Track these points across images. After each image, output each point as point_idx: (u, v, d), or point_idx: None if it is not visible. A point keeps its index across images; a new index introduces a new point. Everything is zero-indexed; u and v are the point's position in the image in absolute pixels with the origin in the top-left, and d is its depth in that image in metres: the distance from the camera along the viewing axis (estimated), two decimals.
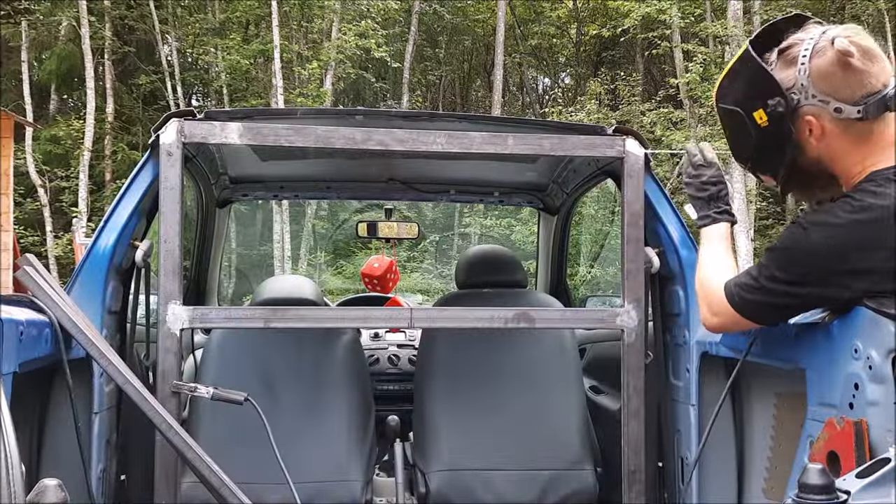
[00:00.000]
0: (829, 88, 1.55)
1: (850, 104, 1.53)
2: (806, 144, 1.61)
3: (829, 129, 1.57)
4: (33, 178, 16.82)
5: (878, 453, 1.34)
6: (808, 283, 1.55)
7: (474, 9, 22.75)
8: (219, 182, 3.21)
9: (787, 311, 1.65)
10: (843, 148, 1.58)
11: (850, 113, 1.54)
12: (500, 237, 16.91)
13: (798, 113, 1.58)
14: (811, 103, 1.56)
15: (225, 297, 7.67)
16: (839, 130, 1.57)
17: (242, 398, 1.99)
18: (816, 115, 1.57)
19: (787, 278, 1.57)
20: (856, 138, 1.57)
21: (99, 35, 17.74)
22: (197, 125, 2.02)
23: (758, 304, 1.65)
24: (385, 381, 3.74)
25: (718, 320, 1.76)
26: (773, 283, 1.60)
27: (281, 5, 17.26)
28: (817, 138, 1.59)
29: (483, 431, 2.54)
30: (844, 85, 1.54)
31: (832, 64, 1.54)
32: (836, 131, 1.57)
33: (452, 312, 2.19)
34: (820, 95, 1.55)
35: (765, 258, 1.64)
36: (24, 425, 1.86)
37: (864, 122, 1.54)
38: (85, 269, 2.10)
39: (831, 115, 1.55)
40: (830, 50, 1.54)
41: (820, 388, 1.61)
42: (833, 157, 1.61)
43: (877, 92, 1.53)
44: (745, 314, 1.68)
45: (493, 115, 18.02)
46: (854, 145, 1.57)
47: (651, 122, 16.54)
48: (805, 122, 1.59)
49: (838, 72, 1.54)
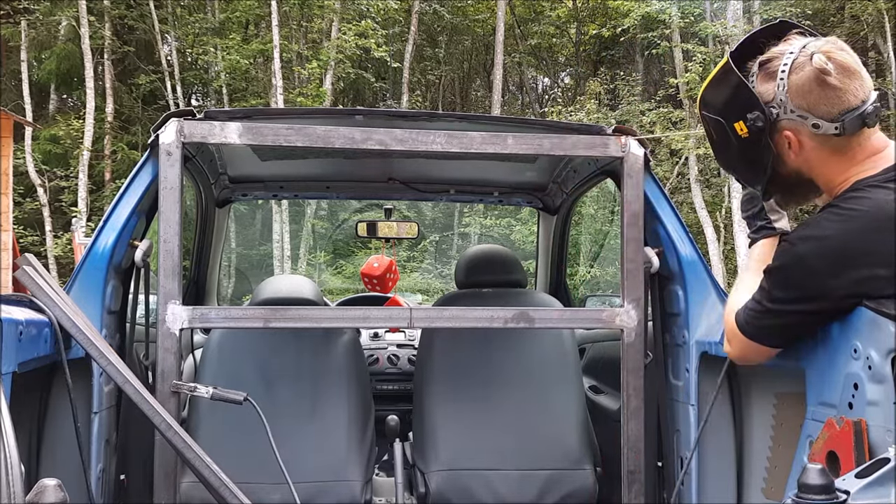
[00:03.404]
0: (806, 104, 1.55)
1: (827, 120, 1.54)
2: (785, 157, 1.62)
3: (807, 143, 1.58)
4: (33, 178, 16.83)
5: (878, 453, 1.34)
6: (810, 299, 1.54)
7: (474, 9, 22.74)
8: (218, 182, 3.21)
9: (800, 327, 1.62)
10: (821, 161, 1.59)
11: (828, 129, 1.54)
12: (499, 237, 16.91)
13: (777, 127, 1.59)
14: (789, 118, 1.57)
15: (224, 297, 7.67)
16: (817, 145, 1.58)
17: (242, 398, 1.99)
18: (795, 129, 1.58)
19: (789, 296, 1.57)
20: (834, 152, 1.57)
21: (98, 35, 17.74)
22: (196, 125, 2.02)
23: (769, 329, 1.64)
24: (384, 380, 3.74)
25: (734, 350, 1.75)
26: (777, 304, 1.59)
27: (281, 5, 17.26)
28: (796, 152, 1.60)
29: (483, 431, 2.54)
30: (822, 101, 1.54)
31: (809, 80, 1.54)
32: (814, 146, 1.58)
33: (452, 312, 2.18)
34: (798, 111, 1.55)
35: (764, 280, 1.63)
36: (23, 425, 1.86)
37: (841, 137, 1.54)
38: (84, 269, 2.09)
39: (809, 130, 1.56)
40: (808, 66, 1.53)
41: (819, 387, 1.61)
42: (812, 169, 1.62)
43: (854, 108, 1.53)
44: (760, 340, 1.67)
45: (492, 114, 18.02)
46: (833, 159, 1.58)
47: (651, 121, 16.54)
48: (784, 136, 1.59)
49: (815, 88, 1.54)
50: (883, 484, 1.07)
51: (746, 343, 1.69)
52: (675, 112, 16.68)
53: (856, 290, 1.47)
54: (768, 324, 1.63)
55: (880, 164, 1.55)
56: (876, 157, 1.56)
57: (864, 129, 1.55)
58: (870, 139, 1.57)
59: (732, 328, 1.71)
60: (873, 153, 1.57)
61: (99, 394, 2.03)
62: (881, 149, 1.58)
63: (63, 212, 17.39)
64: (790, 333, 1.64)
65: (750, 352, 1.71)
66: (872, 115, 1.54)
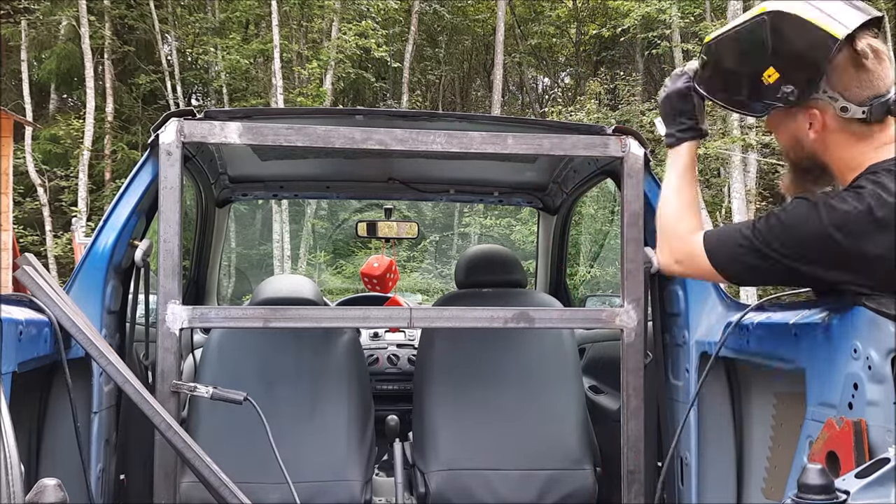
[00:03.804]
0: (840, 85, 1.55)
1: (856, 104, 1.55)
2: (804, 138, 1.62)
3: (830, 124, 1.59)
4: (33, 178, 16.83)
5: (878, 453, 1.35)
6: (811, 262, 1.53)
7: (474, 9, 22.73)
8: (218, 182, 3.21)
9: (775, 279, 1.63)
10: (839, 145, 1.60)
11: (855, 113, 1.55)
12: (499, 237, 16.90)
13: (806, 104, 1.59)
14: (819, 97, 1.57)
15: (224, 297, 7.67)
16: (839, 127, 1.58)
17: (242, 398, 1.99)
18: (822, 109, 1.58)
19: (789, 253, 1.55)
20: (853, 136, 1.58)
21: (99, 34, 17.74)
22: (196, 125, 2.02)
23: (748, 267, 1.62)
24: (384, 380, 3.74)
25: (681, 268, 1.74)
26: (772, 251, 1.56)
27: (281, 5, 17.25)
28: (817, 131, 1.60)
29: (482, 431, 2.54)
30: (854, 83, 1.55)
31: (846, 60, 1.54)
32: (837, 128, 1.58)
33: (452, 312, 2.18)
34: (830, 91, 1.56)
35: (763, 225, 1.59)
36: (23, 425, 1.86)
37: (864, 123, 1.55)
38: (84, 269, 2.09)
39: (836, 112, 1.56)
40: (847, 48, 1.54)
41: (819, 388, 1.61)
42: (828, 152, 1.62)
43: (881, 94, 1.54)
44: (725, 271, 1.65)
45: (492, 114, 18.01)
46: (851, 143, 1.58)
47: (651, 121, 16.53)
48: (809, 114, 1.60)
49: (850, 69, 1.55)
50: (883, 484, 1.07)
51: (703, 267, 1.67)
52: None
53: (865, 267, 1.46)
54: (756, 265, 1.60)
55: (893, 152, 1.55)
56: (890, 145, 1.57)
57: (886, 118, 1.56)
58: (886, 130, 1.57)
59: (692, 249, 1.68)
60: (889, 141, 1.57)
61: (99, 394, 2.03)
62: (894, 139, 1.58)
63: (63, 211, 17.39)
64: (765, 280, 1.65)
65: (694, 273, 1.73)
66: None
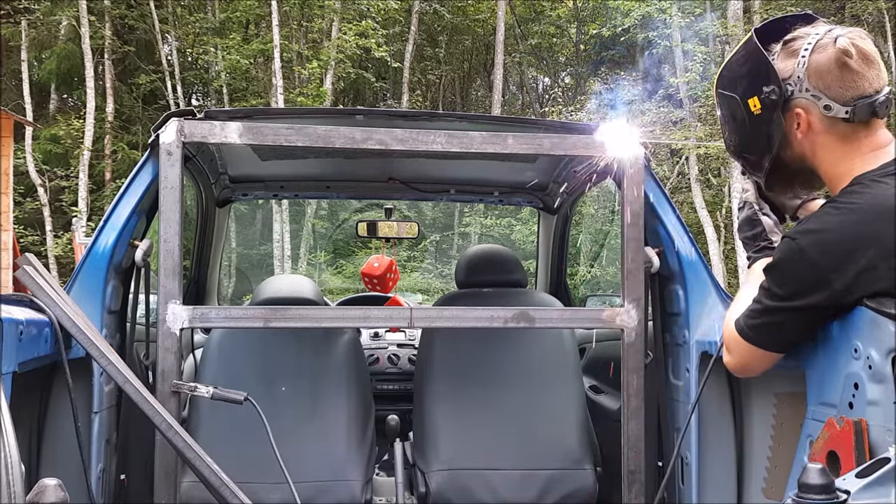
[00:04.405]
0: (822, 84, 1.57)
1: (839, 103, 1.56)
2: (792, 138, 1.64)
3: (816, 125, 1.60)
4: (33, 178, 16.82)
5: (878, 453, 1.34)
6: (809, 292, 1.52)
7: (474, 8, 22.72)
8: (219, 181, 3.21)
9: (799, 325, 1.60)
10: (826, 147, 1.61)
11: (839, 112, 1.56)
12: (500, 237, 16.91)
13: (789, 104, 1.61)
14: (803, 96, 1.59)
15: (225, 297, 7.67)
16: (825, 128, 1.59)
17: (242, 398, 1.99)
18: (806, 108, 1.60)
19: (788, 291, 1.55)
20: (840, 139, 1.59)
21: (99, 34, 17.73)
22: (197, 125, 2.02)
23: (765, 328, 1.62)
24: (385, 380, 3.74)
25: (734, 359, 1.72)
26: (776, 300, 1.58)
27: (281, 5, 17.25)
28: (803, 132, 1.62)
29: (483, 431, 2.54)
30: (838, 83, 1.56)
31: (830, 61, 1.56)
32: (822, 128, 1.60)
33: (452, 312, 2.18)
34: (813, 90, 1.58)
35: (765, 280, 1.62)
36: (23, 425, 1.86)
37: (850, 123, 1.56)
38: (85, 269, 2.09)
39: (820, 111, 1.58)
40: (832, 48, 1.56)
41: (820, 387, 1.61)
42: (816, 155, 1.63)
43: (867, 96, 1.55)
44: (756, 342, 1.64)
45: (492, 114, 18.01)
46: (837, 146, 1.60)
47: (651, 121, 16.52)
48: (794, 114, 1.61)
49: (834, 69, 1.56)
50: (883, 484, 1.07)
51: (746, 348, 1.67)
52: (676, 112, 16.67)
53: (856, 282, 1.46)
54: (767, 322, 1.61)
55: (881, 159, 1.56)
56: (878, 151, 1.58)
57: (872, 120, 1.57)
58: (876, 133, 1.59)
59: (731, 335, 1.70)
60: (876, 147, 1.58)
61: (99, 394, 2.03)
62: (884, 144, 1.59)
63: (63, 211, 17.38)
64: (789, 333, 1.62)
65: (750, 359, 1.69)
66: (883, 106, 1.56)
